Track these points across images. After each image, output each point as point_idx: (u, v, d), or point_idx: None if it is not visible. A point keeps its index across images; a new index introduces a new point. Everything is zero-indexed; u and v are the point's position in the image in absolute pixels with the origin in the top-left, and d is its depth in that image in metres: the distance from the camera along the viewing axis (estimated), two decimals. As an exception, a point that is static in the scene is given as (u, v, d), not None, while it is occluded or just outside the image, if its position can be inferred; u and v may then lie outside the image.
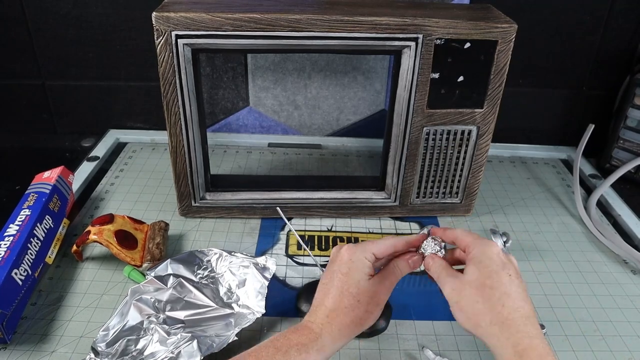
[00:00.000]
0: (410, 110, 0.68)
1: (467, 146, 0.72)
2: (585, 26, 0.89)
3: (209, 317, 0.58)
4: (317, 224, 0.77)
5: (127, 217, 0.70)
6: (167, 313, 0.57)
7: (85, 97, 0.97)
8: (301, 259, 0.70)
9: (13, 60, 0.93)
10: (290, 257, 0.71)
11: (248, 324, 0.56)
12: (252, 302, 0.58)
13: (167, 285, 0.60)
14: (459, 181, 0.76)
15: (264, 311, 0.57)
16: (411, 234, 0.75)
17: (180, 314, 0.57)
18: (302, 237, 0.74)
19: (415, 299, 0.64)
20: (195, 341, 0.52)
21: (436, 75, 0.66)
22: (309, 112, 0.95)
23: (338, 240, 0.74)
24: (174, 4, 0.64)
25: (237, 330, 0.55)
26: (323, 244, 0.73)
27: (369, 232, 0.76)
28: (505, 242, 0.70)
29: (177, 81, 0.64)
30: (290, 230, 0.75)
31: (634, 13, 0.88)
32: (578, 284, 0.68)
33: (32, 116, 0.99)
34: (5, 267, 0.57)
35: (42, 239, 0.65)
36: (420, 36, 0.63)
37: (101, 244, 0.64)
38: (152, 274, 0.61)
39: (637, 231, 0.79)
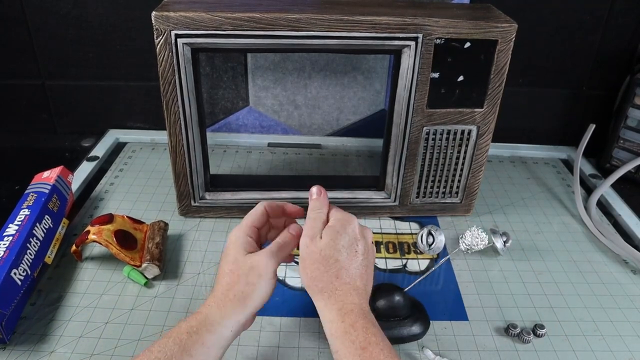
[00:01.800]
0: (410, 110, 0.68)
1: (467, 146, 0.72)
2: (585, 26, 0.89)
3: None
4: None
5: (127, 217, 0.70)
6: None
7: (85, 97, 0.97)
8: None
9: (13, 60, 0.93)
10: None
11: None
12: None
13: None
14: (459, 181, 0.76)
15: None
16: (411, 234, 0.76)
17: None
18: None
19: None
20: None
21: (436, 75, 0.66)
22: (309, 112, 0.95)
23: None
24: (173, 4, 0.64)
25: None
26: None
27: (369, 232, 0.76)
28: (505, 242, 0.71)
29: (177, 81, 0.64)
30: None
31: (634, 13, 0.87)
32: (578, 283, 0.68)
33: (32, 116, 0.99)
34: (5, 267, 0.57)
35: (41, 238, 0.65)
36: (420, 36, 0.63)
37: (100, 244, 0.64)
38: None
39: (637, 231, 0.79)
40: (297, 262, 0.70)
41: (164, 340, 0.46)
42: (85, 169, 0.89)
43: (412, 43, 0.64)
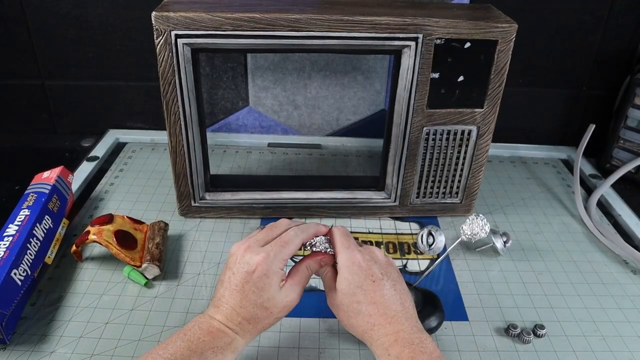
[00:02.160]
0: (410, 110, 0.68)
1: (467, 146, 0.72)
2: (585, 26, 0.89)
3: None
4: (317, 224, 0.77)
5: (127, 217, 0.70)
6: None
7: (85, 97, 0.97)
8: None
9: (13, 60, 0.93)
10: (290, 257, 0.70)
11: None
12: None
13: None
14: (459, 181, 0.76)
15: None
16: (411, 234, 0.76)
17: None
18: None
19: (415, 299, 0.64)
20: None
21: (436, 75, 0.66)
22: (309, 112, 0.95)
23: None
24: (173, 4, 0.64)
25: None
26: (323, 244, 0.73)
27: (369, 232, 0.76)
28: (505, 242, 0.71)
29: (177, 81, 0.64)
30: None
31: (634, 13, 0.87)
32: (578, 284, 0.68)
33: (32, 116, 0.99)
34: (5, 268, 0.57)
35: (41, 239, 0.65)
36: (420, 36, 0.63)
37: (100, 244, 0.64)
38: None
39: (638, 231, 0.78)
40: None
41: (187, 352, 0.45)
42: (85, 169, 0.89)
43: (412, 43, 0.64)
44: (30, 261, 0.61)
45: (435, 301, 0.60)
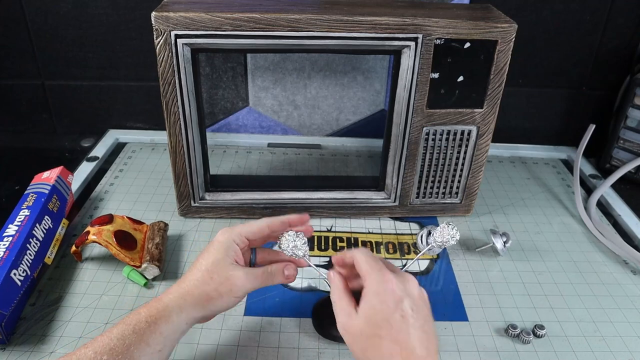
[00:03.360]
0: (410, 110, 0.68)
1: (467, 146, 0.72)
2: (585, 26, 0.89)
3: None
4: (317, 224, 0.77)
5: (127, 217, 0.70)
6: None
7: (85, 97, 0.97)
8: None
9: (13, 60, 0.93)
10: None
11: None
12: None
13: None
14: (459, 181, 0.76)
15: None
16: (411, 234, 0.76)
17: None
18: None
19: (415, 299, 0.64)
20: None
21: (436, 75, 0.66)
22: (309, 112, 0.95)
23: (338, 240, 0.74)
24: (173, 4, 0.64)
25: None
26: (323, 244, 0.73)
27: (369, 232, 0.76)
28: (505, 242, 0.71)
29: (177, 81, 0.64)
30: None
31: (634, 13, 0.87)
32: (578, 284, 0.68)
33: (32, 116, 0.99)
34: (4, 268, 0.57)
35: (41, 239, 0.65)
36: (420, 36, 0.63)
37: (100, 244, 0.64)
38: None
39: (637, 231, 0.78)
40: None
41: (124, 327, 0.46)
42: (85, 169, 0.89)
43: (412, 43, 0.64)
44: (30, 261, 0.61)
45: None
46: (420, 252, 0.72)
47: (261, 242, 0.56)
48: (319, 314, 0.60)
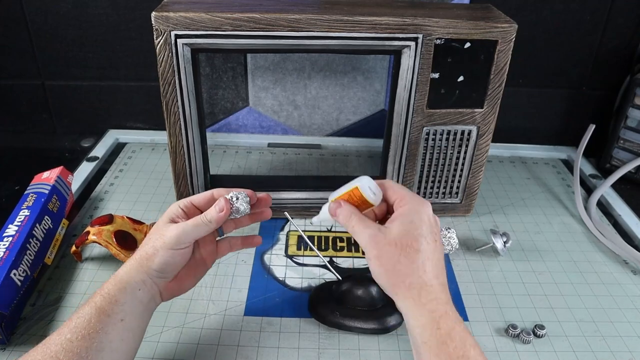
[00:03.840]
0: (410, 110, 0.68)
1: (467, 146, 0.72)
2: (585, 26, 0.89)
3: None
4: (317, 224, 0.77)
5: (127, 217, 0.70)
6: None
7: (85, 97, 0.97)
8: (301, 260, 0.70)
9: (13, 60, 0.93)
10: (290, 257, 0.71)
11: None
12: None
13: None
14: (459, 181, 0.76)
15: None
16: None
17: None
18: (308, 237, 0.74)
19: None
20: None
21: (436, 75, 0.66)
22: (309, 112, 0.95)
23: (338, 240, 0.74)
24: (173, 4, 0.64)
25: None
26: (323, 244, 0.73)
27: (369, 233, 0.76)
28: (505, 242, 0.71)
29: (177, 81, 0.64)
30: (290, 231, 0.75)
31: (634, 13, 0.87)
32: (578, 284, 0.68)
33: (32, 116, 0.99)
34: (4, 268, 0.57)
35: (41, 239, 0.65)
36: (420, 36, 0.63)
37: (100, 244, 0.64)
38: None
39: (637, 231, 0.78)
40: (297, 263, 0.70)
41: (85, 306, 0.46)
42: (85, 169, 0.89)
43: (412, 43, 0.64)
44: (30, 261, 0.61)
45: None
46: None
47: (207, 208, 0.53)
48: (316, 300, 0.61)
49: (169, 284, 0.52)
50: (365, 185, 0.49)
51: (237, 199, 0.52)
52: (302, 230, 0.74)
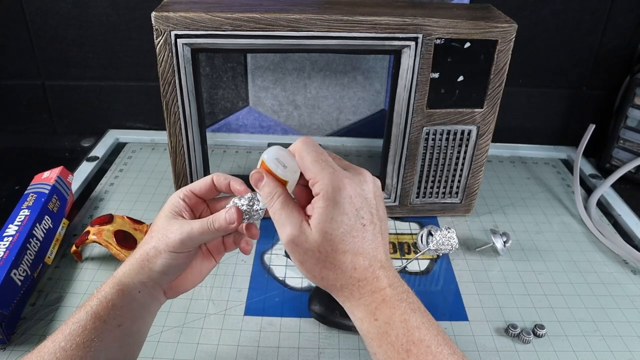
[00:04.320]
0: (410, 110, 0.68)
1: (467, 146, 0.72)
2: (585, 26, 0.89)
3: None
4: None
5: (127, 217, 0.70)
6: None
7: (85, 97, 0.97)
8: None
9: (13, 60, 0.93)
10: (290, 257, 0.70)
11: None
12: None
13: None
14: (459, 181, 0.76)
15: None
16: (411, 234, 0.76)
17: None
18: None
19: (415, 299, 0.64)
20: None
21: (436, 75, 0.66)
22: (309, 112, 0.95)
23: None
24: (173, 4, 0.64)
25: None
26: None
27: (369, 232, 0.76)
28: (505, 242, 0.71)
29: (177, 81, 0.64)
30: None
31: (634, 13, 0.87)
32: (578, 284, 0.68)
33: (32, 116, 0.99)
34: (4, 268, 0.57)
35: (41, 239, 0.65)
36: (420, 36, 0.63)
37: (100, 244, 0.64)
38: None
39: (637, 231, 0.78)
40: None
41: (80, 311, 0.43)
42: (85, 169, 0.89)
43: (412, 43, 0.64)
44: (30, 261, 0.61)
45: None
46: (420, 252, 0.72)
47: (211, 196, 0.50)
48: (316, 300, 0.61)
49: (172, 282, 0.48)
50: (271, 157, 0.42)
51: (251, 203, 0.45)
52: None
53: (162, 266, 0.45)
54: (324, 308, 0.59)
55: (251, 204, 0.45)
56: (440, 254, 0.69)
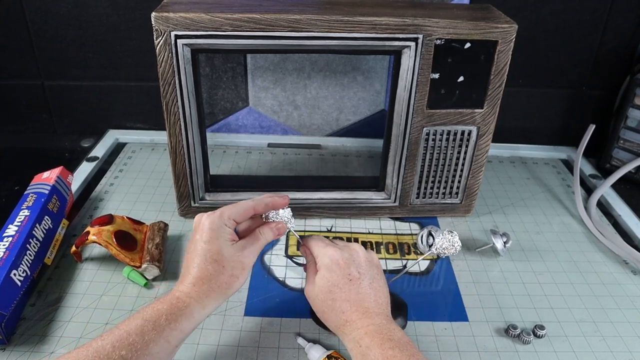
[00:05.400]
0: (410, 110, 0.68)
1: (467, 146, 0.72)
2: (585, 26, 0.89)
3: None
4: (317, 225, 0.77)
5: (127, 217, 0.70)
6: None
7: (84, 97, 0.97)
8: (301, 260, 0.70)
9: (13, 60, 0.93)
10: (290, 257, 0.71)
11: None
12: None
13: None
14: (459, 181, 0.76)
15: None
16: (411, 234, 0.76)
17: None
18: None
19: (415, 299, 0.64)
20: None
21: (436, 76, 0.66)
22: (309, 112, 0.95)
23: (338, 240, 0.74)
24: (173, 4, 0.64)
25: None
26: (323, 244, 0.73)
27: (369, 233, 0.76)
28: (505, 243, 0.71)
29: (177, 81, 0.64)
30: (290, 231, 0.75)
31: (634, 13, 0.87)
32: (578, 284, 0.68)
33: (31, 116, 0.99)
34: (4, 268, 0.57)
35: (41, 239, 0.65)
36: (420, 36, 0.63)
37: (100, 244, 0.64)
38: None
39: (637, 231, 0.78)
40: (297, 264, 0.70)
41: (143, 322, 0.46)
42: (85, 169, 0.89)
43: (412, 44, 0.64)
44: (30, 262, 0.61)
45: (401, 307, 0.61)
46: (420, 252, 0.72)
47: (247, 228, 0.57)
48: None
49: None
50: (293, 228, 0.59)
51: (289, 219, 0.58)
52: (302, 231, 0.74)
53: (239, 287, 0.53)
54: None
55: (286, 220, 0.58)
56: (442, 257, 0.69)
